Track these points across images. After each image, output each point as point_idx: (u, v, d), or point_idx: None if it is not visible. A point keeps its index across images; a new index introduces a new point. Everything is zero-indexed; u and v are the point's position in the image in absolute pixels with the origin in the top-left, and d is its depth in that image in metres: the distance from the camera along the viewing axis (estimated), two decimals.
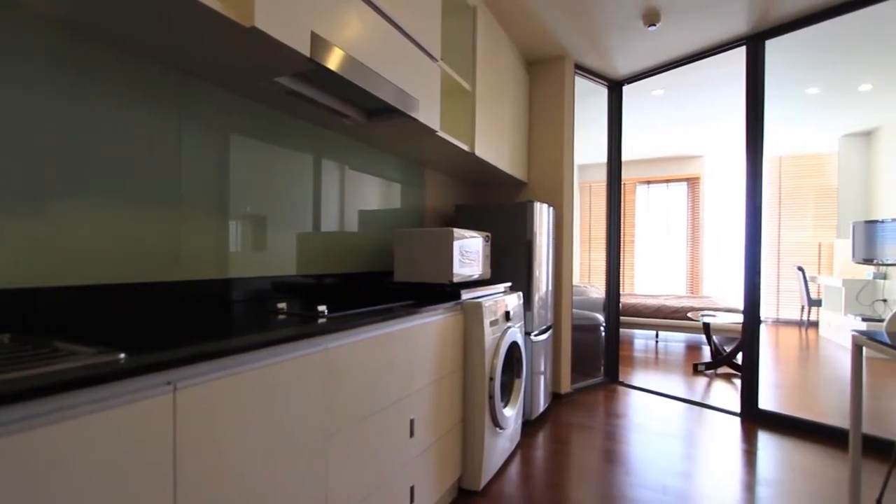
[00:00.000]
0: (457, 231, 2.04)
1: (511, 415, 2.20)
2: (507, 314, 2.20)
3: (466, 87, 2.35)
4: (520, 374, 2.36)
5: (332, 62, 1.32)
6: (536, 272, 2.76)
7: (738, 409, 2.92)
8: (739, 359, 3.58)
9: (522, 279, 2.72)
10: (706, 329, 4.20)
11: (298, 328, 1.07)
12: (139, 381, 0.74)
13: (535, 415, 2.76)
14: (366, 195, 2.27)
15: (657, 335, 5.75)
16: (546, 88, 3.30)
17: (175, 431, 0.78)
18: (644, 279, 7.21)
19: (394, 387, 1.44)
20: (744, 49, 2.91)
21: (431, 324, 1.68)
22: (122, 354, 0.74)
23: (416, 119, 1.80)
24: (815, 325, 6.05)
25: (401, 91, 1.66)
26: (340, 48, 1.36)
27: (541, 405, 2.84)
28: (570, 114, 3.29)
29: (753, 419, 2.82)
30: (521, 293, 2.49)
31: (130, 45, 1.21)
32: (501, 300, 2.17)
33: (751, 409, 2.85)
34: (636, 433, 2.60)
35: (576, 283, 5.67)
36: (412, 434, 1.55)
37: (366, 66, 1.47)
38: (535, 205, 2.71)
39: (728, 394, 3.34)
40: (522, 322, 2.47)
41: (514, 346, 2.30)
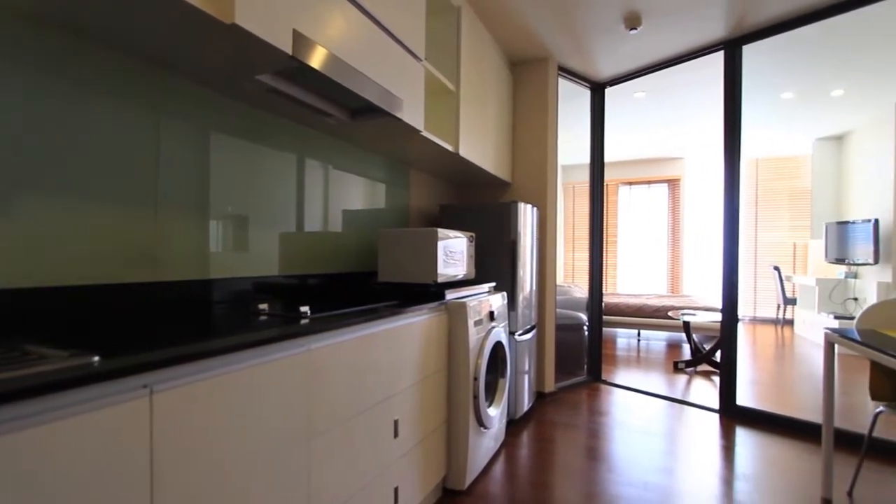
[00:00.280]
0: (441, 231, 2.03)
1: (495, 414, 2.21)
2: (492, 314, 2.21)
3: (451, 88, 2.36)
4: (504, 374, 2.37)
5: (315, 60, 1.31)
6: (520, 272, 2.78)
7: (717, 406, 2.98)
8: (718, 356, 3.67)
9: (507, 279, 2.73)
10: (686, 328, 4.29)
11: (280, 329, 1.06)
12: (114, 385, 0.72)
13: (520, 414, 2.78)
14: (350, 195, 2.26)
15: (639, 334, 5.84)
16: (530, 90, 3.33)
17: (152, 436, 0.77)
18: (626, 279, 7.32)
19: (378, 387, 1.44)
20: (722, 53, 2.98)
21: (416, 324, 1.68)
22: (96, 357, 0.72)
23: (401, 119, 1.79)
24: (791, 323, 6.22)
25: (385, 90, 1.65)
26: (323, 46, 1.35)
27: (525, 404, 2.86)
28: (554, 115, 3.32)
29: (732, 415, 2.89)
30: (506, 293, 2.50)
31: (106, 41, 1.18)
32: (486, 300, 2.18)
33: (729, 406, 2.91)
34: (619, 431, 2.64)
35: (559, 283, 5.71)
36: (396, 434, 1.54)
37: (349, 65, 1.46)
38: (520, 205, 2.73)
39: (707, 391, 3.41)
40: (507, 322, 2.48)
41: (499, 346, 2.31)
